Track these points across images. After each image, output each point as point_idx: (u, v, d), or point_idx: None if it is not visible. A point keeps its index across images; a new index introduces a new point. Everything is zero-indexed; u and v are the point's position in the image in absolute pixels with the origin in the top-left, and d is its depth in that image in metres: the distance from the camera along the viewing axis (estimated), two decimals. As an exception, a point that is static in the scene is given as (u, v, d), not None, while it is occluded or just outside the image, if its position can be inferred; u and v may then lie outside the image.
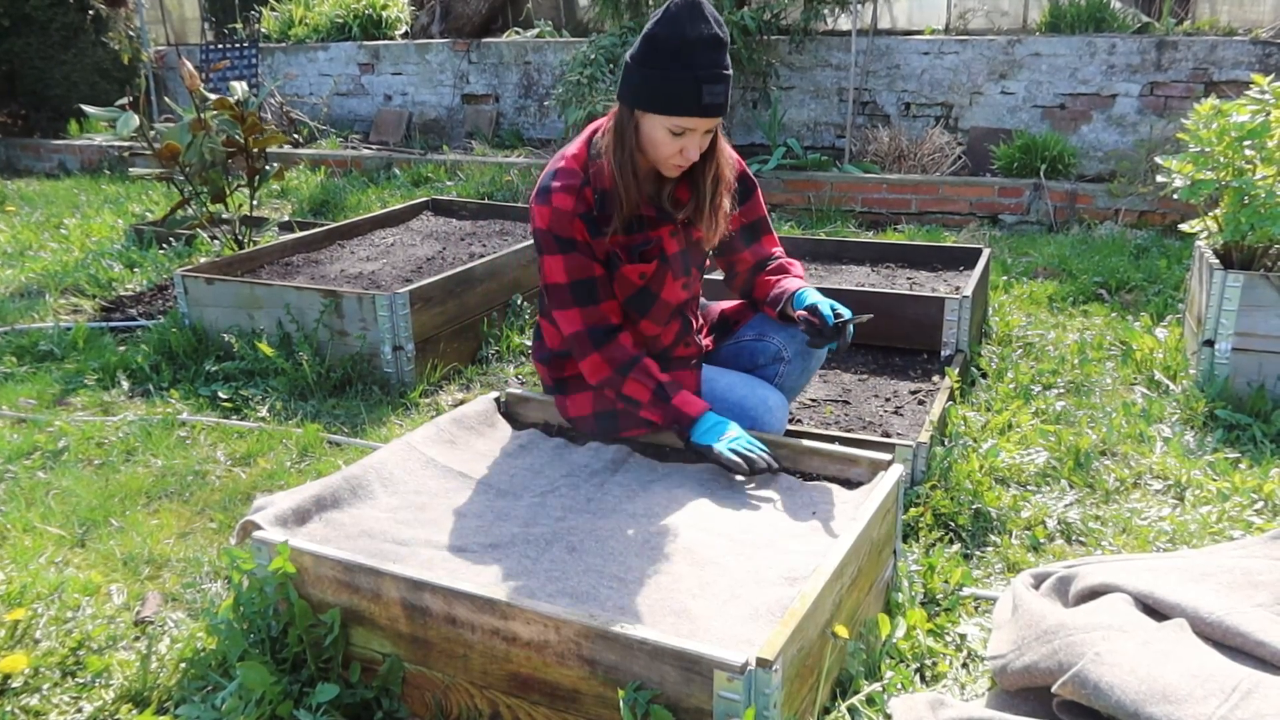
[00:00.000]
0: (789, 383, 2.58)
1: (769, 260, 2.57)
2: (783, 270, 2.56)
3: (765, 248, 2.57)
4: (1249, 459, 2.80)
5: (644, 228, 2.32)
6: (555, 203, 2.23)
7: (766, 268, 2.56)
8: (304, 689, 1.81)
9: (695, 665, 1.49)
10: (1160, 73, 6.16)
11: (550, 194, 2.24)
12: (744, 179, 2.49)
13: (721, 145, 2.29)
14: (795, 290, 2.43)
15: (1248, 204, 3.16)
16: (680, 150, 2.16)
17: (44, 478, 2.83)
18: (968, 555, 2.40)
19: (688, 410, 2.24)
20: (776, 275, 2.55)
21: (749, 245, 2.55)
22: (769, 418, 2.41)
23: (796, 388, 2.63)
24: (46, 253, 5.37)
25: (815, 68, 6.96)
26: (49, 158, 8.62)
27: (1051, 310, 4.25)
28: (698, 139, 2.15)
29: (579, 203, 2.24)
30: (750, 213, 2.53)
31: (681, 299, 2.45)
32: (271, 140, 4.52)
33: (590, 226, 2.26)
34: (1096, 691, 1.56)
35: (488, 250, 4.41)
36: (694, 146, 2.16)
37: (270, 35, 9.39)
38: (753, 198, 2.53)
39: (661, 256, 2.34)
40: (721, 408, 2.39)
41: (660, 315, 2.42)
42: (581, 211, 2.24)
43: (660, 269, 2.35)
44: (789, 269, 2.56)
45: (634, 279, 2.33)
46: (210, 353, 3.67)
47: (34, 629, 2.07)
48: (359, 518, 2.05)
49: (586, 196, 2.25)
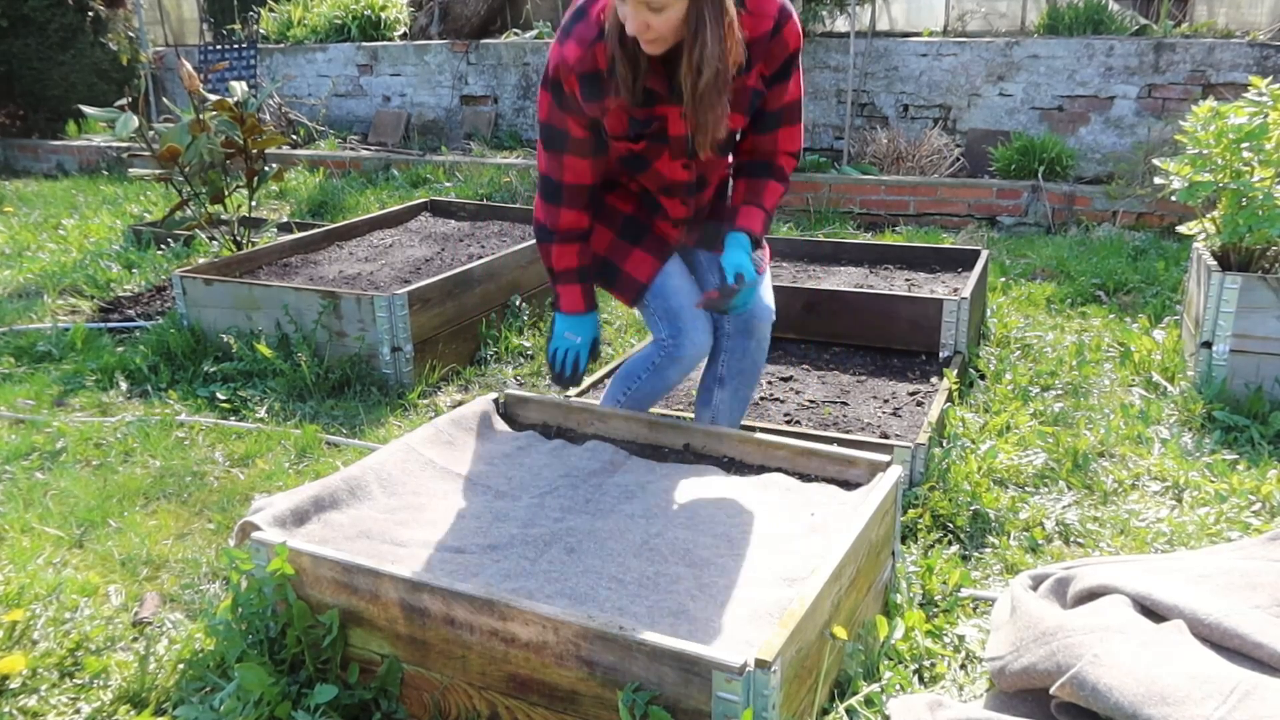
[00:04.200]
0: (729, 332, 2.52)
1: (761, 163, 2.35)
2: (756, 192, 2.34)
3: (765, 145, 2.33)
4: (1247, 460, 2.81)
5: (653, 102, 2.18)
6: (565, 51, 2.14)
7: (755, 172, 2.35)
8: (302, 690, 1.80)
9: (694, 666, 1.50)
10: (1158, 75, 6.17)
11: (566, 38, 2.16)
12: (785, 65, 2.23)
13: (710, 38, 2.03)
14: (729, 231, 2.31)
15: (1245, 206, 3.17)
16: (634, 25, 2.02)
17: (42, 478, 2.83)
18: (966, 556, 2.40)
19: (561, 305, 2.42)
20: (744, 192, 2.35)
21: (757, 132, 2.32)
22: (676, 351, 2.43)
23: (738, 350, 2.53)
24: (44, 253, 5.37)
25: (814, 69, 6.96)
26: (47, 158, 8.61)
27: (1049, 312, 4.26)
28: (633, 14, 2.00)
29: (584, 59, 2.13)
30: (773, 99, 2.27)
31: (682, 178, 2.31)
32: (270, 141, 4.52)
33: (588, 87, 2.15)
34: (1095, 693, 1.56)
35: (486, 251, 4.41)
36: (632, 21, 2.01)
37: (269, 36, 9.39)
38: (778, 86, 2.25)
39: (662, 136, 2.22)
40: (657, 305, 2.43)
41: (654, 181, 2.33)
42: (584, 70, 2.14)
43: (655, 146, 2.24)
44: (761, 191, 2.33)
45: (621, 150, 2.27)
46: (208, 354, 3.67)
47: (32, 630, 2.06)
48: (357, 519, 2.05)
49: (597, 53, 2.13)
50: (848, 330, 3.59)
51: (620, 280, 2.44)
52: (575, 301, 2.41)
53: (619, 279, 2.44)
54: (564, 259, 2.37)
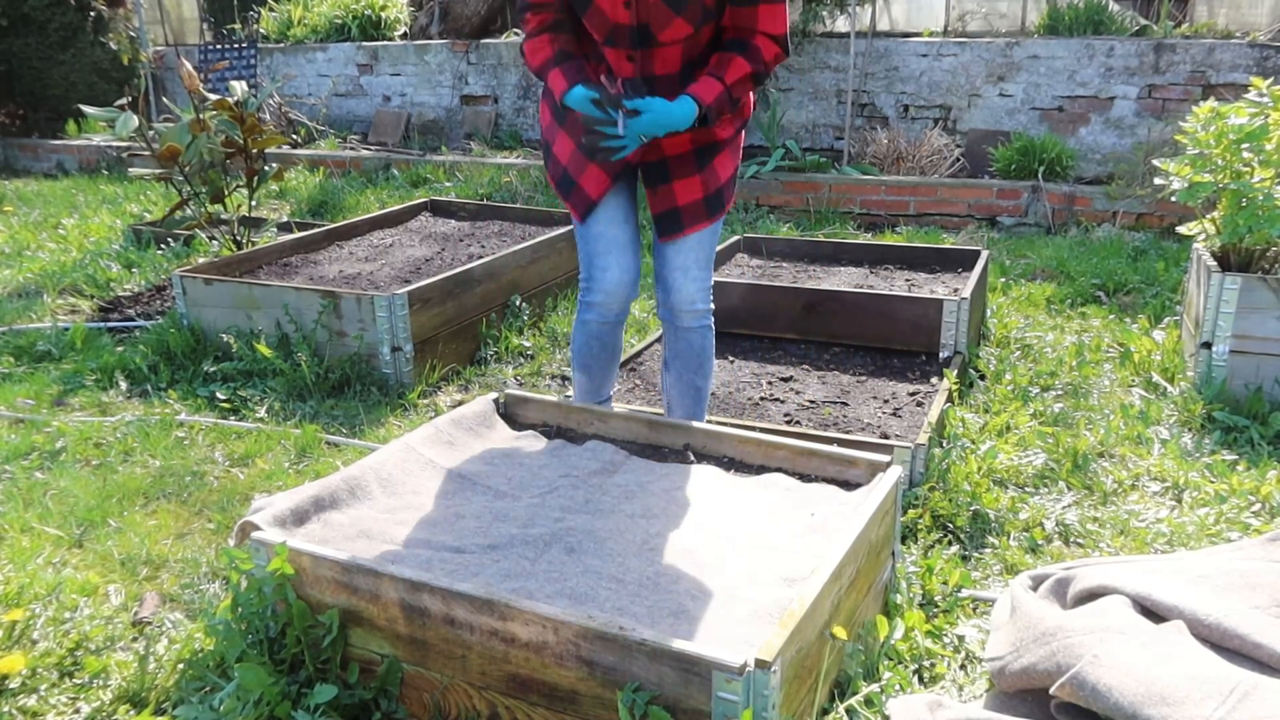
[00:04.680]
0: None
1: (736, 40, 2.28)
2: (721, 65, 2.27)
3: (744, 21, 2.26)
4: (1246, 461, 2.81)
5: None
6: None
7: (728, 47, 2.29)
8: (302, 690, 1.80)
9: (694, 666, 1.50)
10: (1158, 75, 6.17)
11: None
12: None
13: None
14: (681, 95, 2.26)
15: (1245, 206, 3.17)
16: None
17: (42, 478, 2.83)
18: (966, 557, 2.40)
19: (556, 92, 2.31)
20: (712, 65, 2.28)
21: (735, 4, 2.25)
22: (586, 295, 2.51)
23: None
24: (44, 253, 5.37)
25: (814, 69, 6.96)
26: (47, 158, 8.61)
27: (1049, 312, 4.26)
28: None
29: None
30: None
31: (624, 20, 2.23)
32: (271, 141, 4.52)
33: None
34: (1094, 693, 1.56)
35: (486, 251, 4.41)
36: None
37: (269, 36, 9.39)
38: None
39: None
40: (581, 245, 2.50)
41: (598, 26, 2.26)
42: None
43: None
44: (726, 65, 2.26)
45: None
46: (208, 353, 3.67)
47: (31, 629, 2.06)
48: (357, 519, 2.05)
49: None
50: (848, 330, 3.59)
51: (575, 193, 2.47)
52: (559, 81, 2.29)
53: (574, 192, 2.47)
54: (538, 54, 2.35)
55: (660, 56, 2.30)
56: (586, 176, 2.44)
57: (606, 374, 2.70)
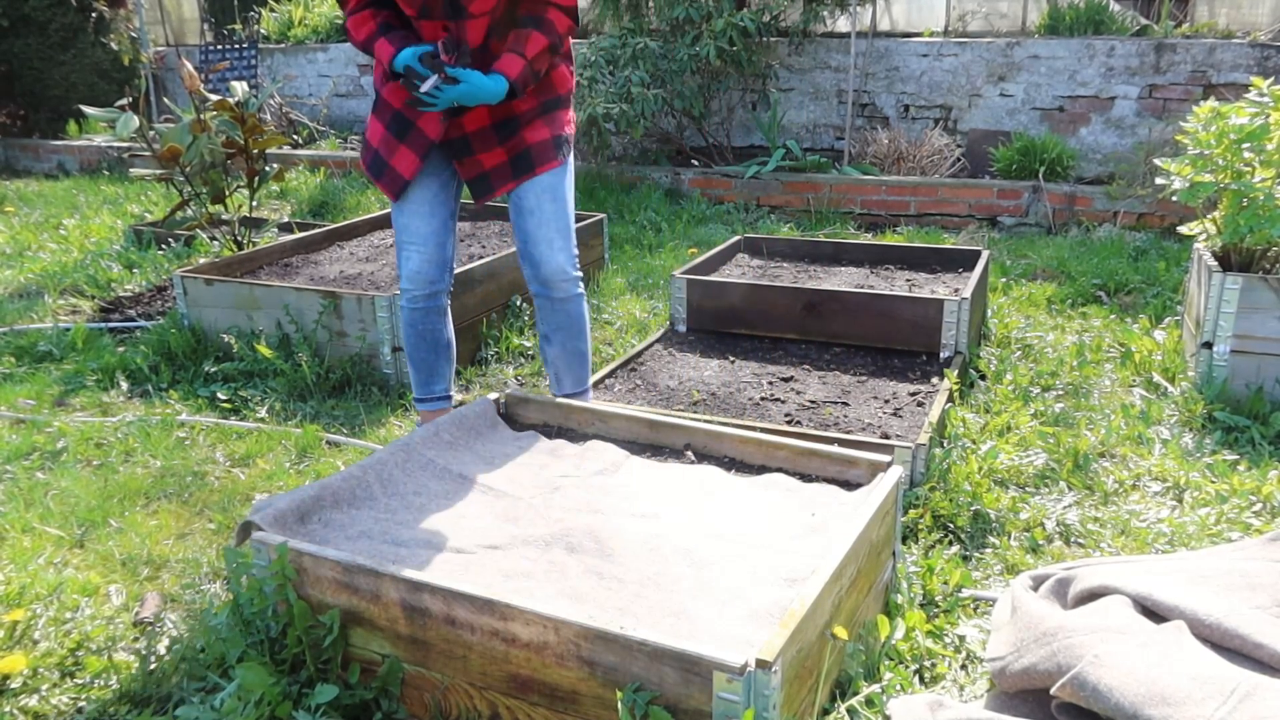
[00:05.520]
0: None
1: (530, 15, 2.39)
2: (520, 40, 2.37)
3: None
4: (1247, 461, 2.81)
5: None
6: None
7: (523, 23, 2.38)
8: (303, 690, 1.81)
9: (694, 666, 1.50)
10: (1159, 75, 6.16)
11: None
12: None
13: None
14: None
15: (1246, 206, 3.17)
16: None
17: (43, 478, 2.83)
18: (967, 557, 2.40)
19: (384, 60, 2.39)
20: (510, 41, 2.38)
21: None
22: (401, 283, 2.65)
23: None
24: (45, 253, 5.37)
25: (814, 70, 6.96)
26: (48, 158, 8.62)
27: (1050, 312, 4.26)
28: None
29: None
30: None
31: None
32: (271, 141, 4.52)
33: None
34: (1095, 693, 1.56)
35: (487, 251, 4.41)
36: None
37: (269, 36, 9.39)
38: None
39: None
40: (397, 236, 2.64)
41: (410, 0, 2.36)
42: None
43: None
44: (524, 40, 2.37)
45: None
46: (209, 353, 3.67)
47: (33, 630, 2.06)
48: (358, 519, 2.05)
49: None
50: (848, 330, 3.59)
51: (387, 174, 2.55)
52: (385, 48, 2.38)
53: (386, 172, 2.55)
54: (361, 29, 2.43)
55: (471, 28, 2.39)
56: (398, 158, 2.53)
57: (432, 367, 2.79)
